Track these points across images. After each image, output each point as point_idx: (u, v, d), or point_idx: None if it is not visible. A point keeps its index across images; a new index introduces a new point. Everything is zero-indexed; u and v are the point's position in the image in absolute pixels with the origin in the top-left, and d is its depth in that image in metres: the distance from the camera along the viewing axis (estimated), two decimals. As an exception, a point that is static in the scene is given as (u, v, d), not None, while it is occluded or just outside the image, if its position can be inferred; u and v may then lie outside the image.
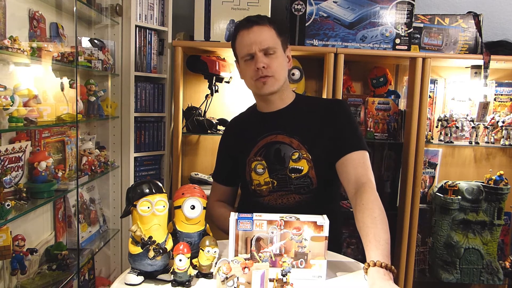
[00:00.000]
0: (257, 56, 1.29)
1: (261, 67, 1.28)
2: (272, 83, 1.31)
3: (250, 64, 1.31)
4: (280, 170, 1.35)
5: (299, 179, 1.34)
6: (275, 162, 1.36)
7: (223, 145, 1.54)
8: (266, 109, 1.42)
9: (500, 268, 2.07)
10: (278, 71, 1.31)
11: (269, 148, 1.37)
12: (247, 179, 1.41)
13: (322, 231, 1.03)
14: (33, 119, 1.28)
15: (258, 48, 1.29)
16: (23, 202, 1.27)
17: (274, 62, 1.30)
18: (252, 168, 1.38)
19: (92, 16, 1.87)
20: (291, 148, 1.35)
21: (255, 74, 1.31)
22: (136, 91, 2.00)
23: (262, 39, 1.29)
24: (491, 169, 2.22)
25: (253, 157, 1.39)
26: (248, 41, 1.30)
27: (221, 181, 1.53)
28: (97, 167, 1.75)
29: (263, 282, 0.89)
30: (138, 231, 0.99)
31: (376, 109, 2.13)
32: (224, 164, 1.53)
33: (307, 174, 1.34)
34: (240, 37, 1.33)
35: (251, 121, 1.47)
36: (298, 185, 1.34)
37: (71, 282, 1.60)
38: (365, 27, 1.98)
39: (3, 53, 1.18)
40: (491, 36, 2.25)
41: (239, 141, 1.45)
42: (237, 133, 1.49)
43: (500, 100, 2.20)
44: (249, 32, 1.31)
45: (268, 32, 1.31)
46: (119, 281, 1.02)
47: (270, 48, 1.29)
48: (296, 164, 1.34)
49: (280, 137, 1.36)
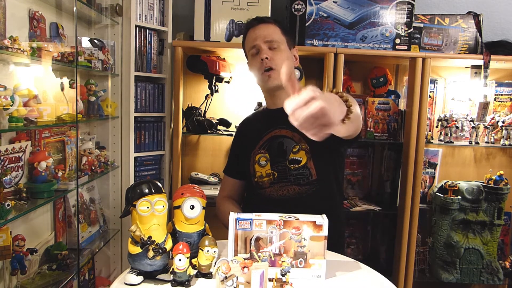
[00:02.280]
0: (261, 48, 1.38)
1: (264, 57, 1.36)
2: (276, 76, 1.37)
3: (256, 57, 1.40)
4: (281, 162, 1.42)
5: (298, 170, 1.39)
6: (277, 155, 1.42)
7: (234, 142, 1.64)
8: (273, 106, 1.49)
9: (500, 268, 2.07)
10: (281, 64, 1.36)
11: (273, 141, 1.44)
12: (251, 172, 1.47)
13: (321, 231, 1.03)
14: (33, 119, 1.28)
15: (262, 41, 1.38)
16: (23, 202, 1.27)
17: (277, 55, 1.38)
18: (256, 160, 1.45)
19: (92, 16, 1.87)
20: (293, 142, 1.41)
21: (260, 67, 1.38)
22: (136, 91, 2.00)
23: (267, 33, 1.39)
24: (491, 169, 2.22)
25: (258, 150, 1.46)
26: (254, 35, 1.41)
27: (231, 174, 1.60)
28: (97, 167, 1.75)
29: (263, 282, 0.89)
30: (137, 231, 0.99)
31: (376, 109, 2.13)
32: (235, 158, 1.60)
33: (305, 164, 1.39)
34: (248, 35, 1.45)
35: (260, 117, 1.59)
36: (297, 176, 1.40)
37: (71, 282, 1.60)
38: (365, 27, 1.98)
39: (3, 53, 1.18)
40: (491, 36, 2.25)
41: (247, 137, 1.54)
42: (247, 129, 1.59)
43: (500, 100, 2.20)
44: (255, 29, 1.42)
45: (273, 29, 1.41)
46: (119, 281, 1.02)
47: (274, 42, 1.38)
48: (295, 156, 1.40)
49: (284, 131, 1.43)
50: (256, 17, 1.48)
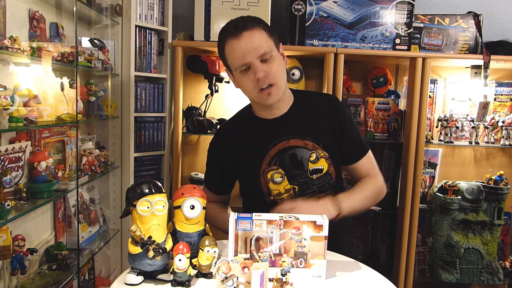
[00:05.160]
0: (254, 65, 1.19)
1: (261, 77, 1.19)
2: (276, 92, 1.23)
3: (248, 74, 1.21)
4: (300, 174, 1.30)
5: (321, 178, 1.32)
6: (293, 168, 1.30)
7: (214, 155, 1.43)
8: (269, 116, 1.34)
9: (500, 268, 2.07)
10: (279, 76, 1.23)
11: (283, 154, 1.30)
12: (263, 191, 1.31)
13: (322, 231, 1.03)
14: (33, 119, 1.28)
15: (254, 57, 1.18)
16: (23, 202, 1.27)
17: (273, 67, 1.21)
18: (269, 179, 1.30)
19: (92, 16, 1.87)
20: (307, 150, 1.30)
21: (256, 85, 1.21)
22: (136, 91, 2.00)
23: (256, 45, 1.18)
24: (491, 169, 2.22)
25: (267, 168, 1.30)
26: (241, 50, 1.18)
27: (212, 190, 1.44)
28: (97, 167, 1.75)
29: (263, 282, 0.89)
30: (137, 231, 0.99)
31: (376, 109, 2.13)
32: (216, 175, 1.44)
33: (327, 171, 1.32)
34: (229, 47, 1.21)
35: (250, 129, 1.37)
36: (320, 184, 1.32)
37: (71, 282, 1.60)
38: (365, 27, 1.98)
39: (3, 53, 1.18)
40: (491, 36, 2.25)
41: (236, 152, 1.35)
42: (234, 143, 1.37)
43: (500, 100, 2.20)
44: (240, 41, 1.18)
45: (259, 36, 1.19)
46: (119, 281, 1.02)
47: (266, 53, 1.19)
48: (316, 165, 1.31)
49: (293, 142, 1.30)
50: (234, 22, 1.22)
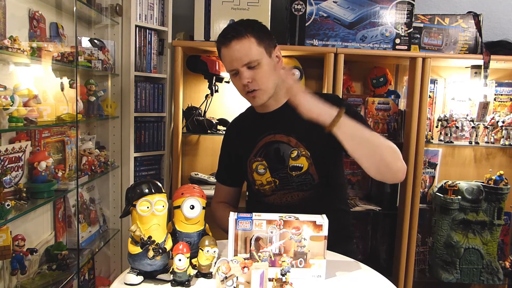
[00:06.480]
0: (240, 72, 1.28)
1: (246, 83, 1.28)
2: (260, 95, 1.31)
3: (237, 78, 1.31)
4: (281, 169, 1.37)
5: (300, 176, 1.35)
6: (276, 162, 1.37)
7: (224, 146, 1.55)
8: (262, 110, 1.42)
9: (500, 268, 2.07)
10: (265, 82, 1.29)
11: (269, 148, 1.38)
12: (250, 180, 1.43)
13: (321, 231, 1.03)
14: (33, 119, 1.28)
15: (240, 65, 1.27)
16: (23, 202, 1.27)
17: (258, 74, 1.28)
18: (253, 169, 1.40)
19: (92, 16, 1.87)
20: (290, 147, 1.36)
21: (243, 88, 1.31)
22: (136, 91, 2.00)
23: (242, 54, 1.26)
24: (491, 169, 2.22)
25: (253, 158, 1.40)
26: (229, 58, 1.28)
27: (224, 182, 1.54)
28: (97, 167, 1.75)
29: (263, 282, 0.89)
30: (137, 231, 0.99)
31: (376, 109, 2.13)
32: (226, 165, 1.53)
33: (307, 171, 1.35)
34: (221, 53, 1.32)
35: (250, 121, 1.48)
36: (299, 183, 1.36)
37: (71, 282, 1.60)
38: (365, 27, 1.98)
39: (3, 53, 1.18)
40: (491, 36, 2.25)
41: (239, 142, 1.46)
42: (238, 134, 1.50)
43: (500, 100, 2.20)
44: (228, 49, 1.27)
45: (247, 45, 1.26)
46: (119, 281, 1.02)
47: (252, 62, 1.26)
48: (296, 162, 1.35)
49: (278, 136, 1.37)
50: (226, 30, 1.31)
